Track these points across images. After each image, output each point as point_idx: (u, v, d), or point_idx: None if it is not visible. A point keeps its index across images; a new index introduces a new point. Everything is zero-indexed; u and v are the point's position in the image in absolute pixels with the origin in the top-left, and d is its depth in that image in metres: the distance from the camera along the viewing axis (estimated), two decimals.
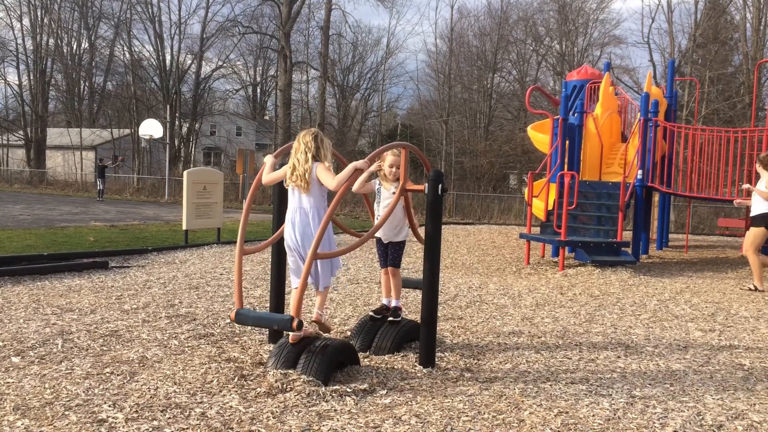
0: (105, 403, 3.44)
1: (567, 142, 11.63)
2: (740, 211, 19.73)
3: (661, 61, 31.97)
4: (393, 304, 4.92)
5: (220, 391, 3.67)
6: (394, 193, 4.70)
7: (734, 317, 6.57)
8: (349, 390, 3.71)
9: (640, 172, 10.76)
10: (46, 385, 3.69)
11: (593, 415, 3.53)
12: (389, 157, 4.74)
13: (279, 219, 4.60)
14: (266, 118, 49.35)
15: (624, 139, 12.89)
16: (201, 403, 3.49)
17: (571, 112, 12.36)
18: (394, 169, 4.73)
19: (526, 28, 37.62)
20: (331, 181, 4.01)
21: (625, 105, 13.63)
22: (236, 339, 4.87)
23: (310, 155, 4.07)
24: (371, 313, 4.93)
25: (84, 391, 3.61)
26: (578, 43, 36.52)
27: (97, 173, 27.21)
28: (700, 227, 20.42)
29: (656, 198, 14.05)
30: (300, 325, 3.75)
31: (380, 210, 4.81)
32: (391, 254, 4.90)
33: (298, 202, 4.13)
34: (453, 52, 37.44)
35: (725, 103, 28.16)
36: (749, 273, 10.22)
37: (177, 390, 3.67)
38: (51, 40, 40.24)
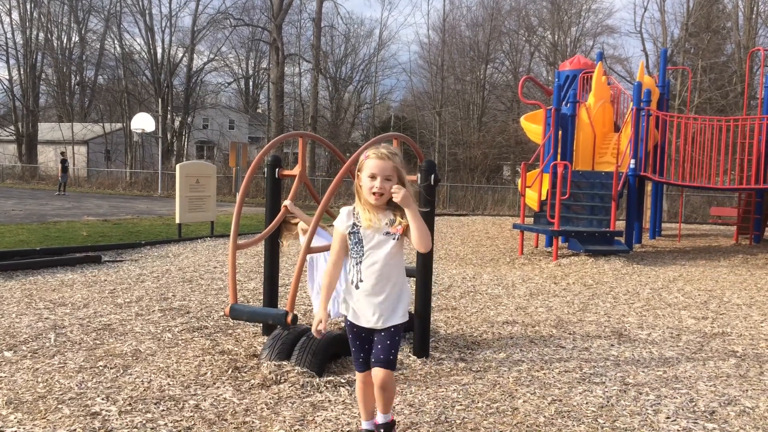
0: (98, 396, 3.43)
1: (560, 132, 11.63)
2: (732, 199, 19.82)
3: (653, 51, 32.02)
4: (380, 419, 2.91)
5: (214, 383, 3.66)
6: (388, 233, 2.66)
7: (727, 305, 6.61)
8: (343, 381, 3.71)
9: (632, 161, 10.79)
10: (39, 379, 3.68)
11: (587, 403, 3.55)
12: (371, 161, 2.63)
13: (272, 212, 4.58)
14: (259, 111, 49.18)
15: (617, 128, 12.91)
16: (195, 395, 3.49)
17: (564, 102, 12.36)
18: (377, 182, 2.61)
19: (519, 19, 37.55)
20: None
21: (618, 94, 13.64)
22: (230, 331, 4.86)
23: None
24: None
25: (77, 385, 3.59)
26: (571, 33, 36.50)
27: (60, 167, 26.70)
28: (692, 216, 20.51)
29: (649, 187, 14.09)
30: (294, 319, 3.74)
31: (363, 265, 2.70)
32: (381, 345, 2.72)
33: None
34: (445, 43, 37.35)
35: (717, 92, 28.25)
36: (741, 261, 10.27)
37: (171, 382, 3.67)
38: (41, 34, 39.93)
